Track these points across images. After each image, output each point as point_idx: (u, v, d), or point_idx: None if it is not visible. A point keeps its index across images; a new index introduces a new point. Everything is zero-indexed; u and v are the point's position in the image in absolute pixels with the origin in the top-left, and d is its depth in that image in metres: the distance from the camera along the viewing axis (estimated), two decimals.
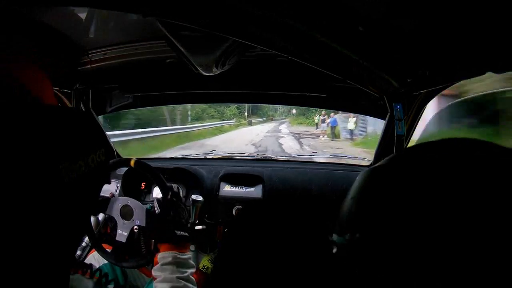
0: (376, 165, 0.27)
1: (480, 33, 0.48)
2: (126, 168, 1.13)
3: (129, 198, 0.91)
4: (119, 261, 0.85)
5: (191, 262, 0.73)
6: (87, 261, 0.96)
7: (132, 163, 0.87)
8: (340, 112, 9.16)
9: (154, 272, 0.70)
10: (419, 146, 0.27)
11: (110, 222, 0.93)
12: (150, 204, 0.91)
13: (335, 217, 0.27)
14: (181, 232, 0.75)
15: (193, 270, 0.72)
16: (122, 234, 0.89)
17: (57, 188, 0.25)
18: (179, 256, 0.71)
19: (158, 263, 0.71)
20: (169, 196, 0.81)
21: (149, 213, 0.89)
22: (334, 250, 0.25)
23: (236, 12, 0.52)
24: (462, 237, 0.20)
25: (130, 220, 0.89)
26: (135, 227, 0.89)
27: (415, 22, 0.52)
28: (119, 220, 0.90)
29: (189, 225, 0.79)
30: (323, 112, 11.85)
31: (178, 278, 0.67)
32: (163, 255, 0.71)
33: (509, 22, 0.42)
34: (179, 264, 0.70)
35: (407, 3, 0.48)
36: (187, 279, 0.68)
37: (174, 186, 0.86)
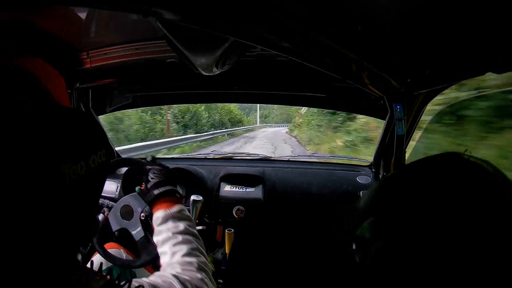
0: (389, 177, 0.29)
1: (480, 33, 0.48)
2: (126, 168, 1.13)
3: (130, 199, 0.91)
4: (113, 259, 0.84)
5: (185, 213, 0.67)
6: (94, 260, 0.96)
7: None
8: None
9: (154, 238, 0.65)
10: (429, 160, 0.29)
11: (110, 222, 0.93)
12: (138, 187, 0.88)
13: (351, 226, 0.28)
14: (161, 189, 0.69)
15: (189, 222, 0.65)
16: (113, 225, 0.89)
17: (59, 189, 0.25)
18: (168, 211, 0.66)
19: (154, 227, 0.66)
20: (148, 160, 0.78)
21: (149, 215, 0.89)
22: (358, 259, 0.26)
23: (236, 11, 0.52)
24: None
25: (130, 221, 0.90)
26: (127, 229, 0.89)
27: (415, 22, 0.52)
28: (119, 220, 0.90)
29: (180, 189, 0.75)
30: None
31: (174, 233, 0.62)
32: (155, 218, 0.66)
33: (509, 22, 0.42)
34: (172, 219, 0.65)
35: (407, 3, 0.48)
36: (184, 230, 0.63)
37: (196, 197, 0.86)
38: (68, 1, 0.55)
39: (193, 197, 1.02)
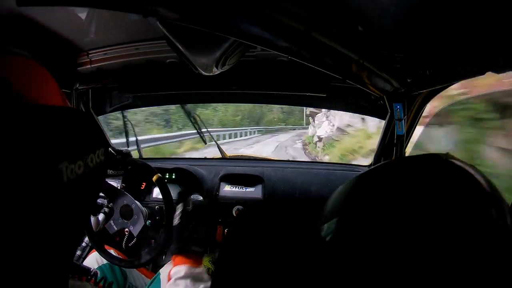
0: (362, 173, 0.30)
1: (480, 33, 0.48)
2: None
3: (136, 202, 0.91)
4: (97, 246, 0.86)
5: (206, 275, 0.70)
6: (87, 261, 0.97)
7: (154, 178, 0.86)
8: None
9: None
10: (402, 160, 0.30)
11: (108, 212, 0.93)
12: (149, 221, 0.94)
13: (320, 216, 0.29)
14: (198, 248, 0.73)
15: (207, 284, 0.68)
16: (112, 227, 0.91)
17: (56, 188, 0.25)
18: (193, 270, 0.68)
19: (171, 278, 0.68)
20: (190, 208, 0.80)
21: (145, 229, 0.91)
22: (328, 239, 0.27)
23: (236, 11, 0.52)
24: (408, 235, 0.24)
25: (126, 221, 0.90)
26: (126, 230, 0.90)
27: (415, 22, 0.52)
28: (116, 215, 0.91)
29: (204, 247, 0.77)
30: None
31: None
32: (177, 269, 0.68)
33: (509, 22, 0.42)
34: (192, 277, 0.67)
35: (407, 4, 0.48)
36: None
37: (195, 197, 0.87)
38: (68, 1, 0.55)
39: (192, 197, 1.03)
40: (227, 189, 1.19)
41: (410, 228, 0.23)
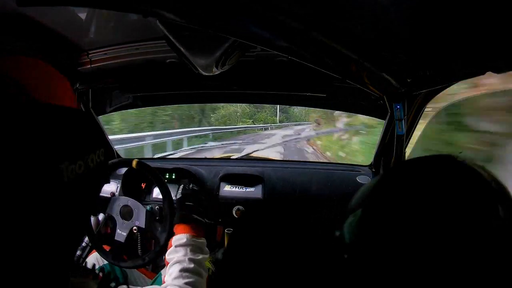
0: (380, 180, 0.31)
1: (480, 32, 0.48)
2: (126, 168, 1.13)
3: (129, 199, 0.91)
4: (117, 260, 0.85)
5: (206, 248, 0.72)
6: (87, 260, 0.97)
7: (134, 164, 0.86)
8: None
9: (167, 256, 0.69)
10: (415, 161, 0.30)
11: (110, 222, 0.93)
12: (151, 205, 0.92)
13: (341, 216, 0.29)
14: (198, 218, 0.76)
15: (207, 256, 0.70)
16: (121, 234, 0.89)
17: (56, 188, 0.25)
18: (194, 239, 0.70)
19: (172, 245, 0.70)
20: (190, 186, 0.86)
21: (149, 214, 0.89)
22: (348, 234, 0.28)
23: (236, 12, 0.52)
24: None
25: (130, 221, 0.90)
26: (134, 227, 0.89)
27: (415, 22, 0.53)
28: (119, 220, 0.90)
29: (205, 220, 0.80)
30: None
31: (190, 259, 0.65)
32: (179, 237, 0.70)
33: (509, 22, 0.42)
34: (193, 246, 0.69)
35: (407, 4, 0.48)
36: (199, 263, 0.66)
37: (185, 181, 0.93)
38: (69, 1, 0.55)
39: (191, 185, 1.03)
40: (227, 189, 1.19)
41: (426, 227, 0.24)
